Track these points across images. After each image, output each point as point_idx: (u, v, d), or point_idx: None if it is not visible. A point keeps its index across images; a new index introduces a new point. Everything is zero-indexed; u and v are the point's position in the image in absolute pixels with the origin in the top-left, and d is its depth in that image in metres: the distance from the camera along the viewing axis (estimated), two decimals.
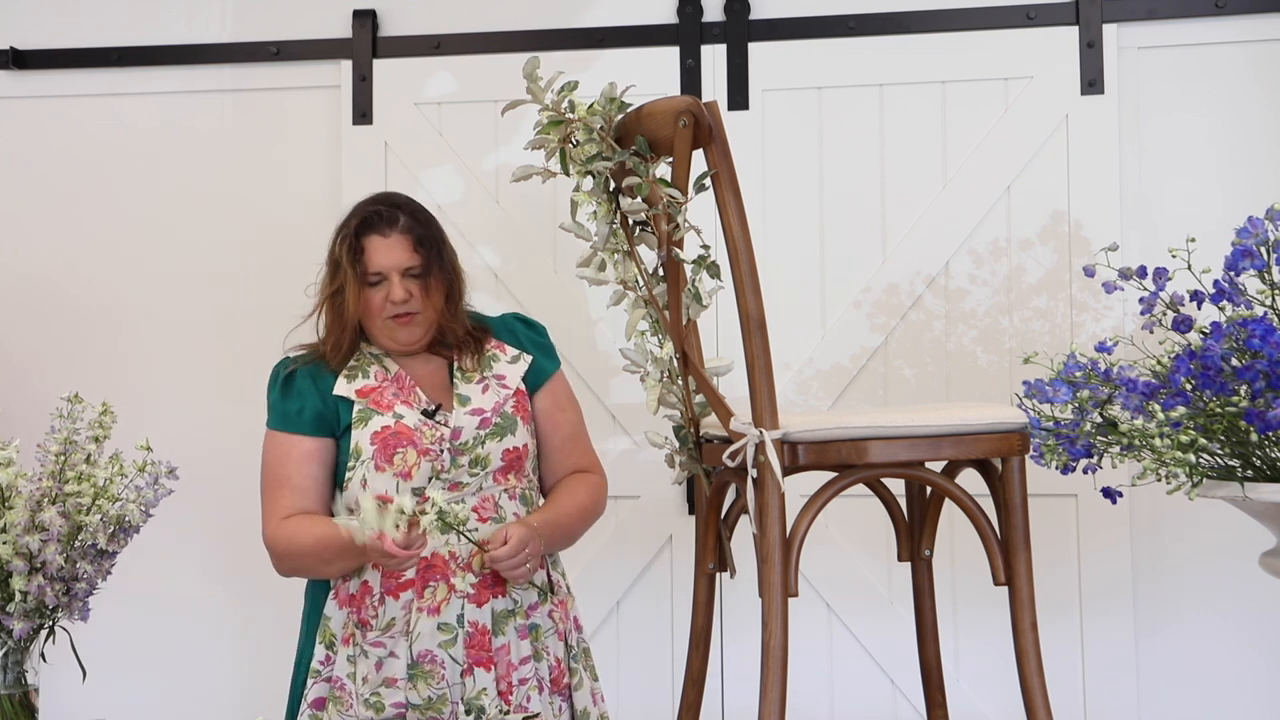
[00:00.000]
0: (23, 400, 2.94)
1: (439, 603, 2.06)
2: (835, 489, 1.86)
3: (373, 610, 2.08)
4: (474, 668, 2.06)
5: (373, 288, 2.14)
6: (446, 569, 2.07)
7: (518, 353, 2.24)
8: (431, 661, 2.05)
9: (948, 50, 2.95)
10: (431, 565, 2.07)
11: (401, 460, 2.09)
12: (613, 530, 2.98)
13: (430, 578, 2.07)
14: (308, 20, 3.16)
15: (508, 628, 2.10)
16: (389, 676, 2.05)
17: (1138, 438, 1.90)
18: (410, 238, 2.15)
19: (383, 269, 2.13)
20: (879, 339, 2.94)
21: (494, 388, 2.18)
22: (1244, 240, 1.95)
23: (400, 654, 2.05)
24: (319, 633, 2.13)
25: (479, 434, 2.13)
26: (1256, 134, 2.87)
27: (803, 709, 2.84)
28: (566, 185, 1.98)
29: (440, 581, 2.07)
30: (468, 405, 2.15)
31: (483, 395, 2.17)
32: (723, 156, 1.76)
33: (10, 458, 2.05)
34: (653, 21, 3.05)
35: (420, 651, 2.05)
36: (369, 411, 2.12)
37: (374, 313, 2.15)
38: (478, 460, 2.12)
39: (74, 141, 3.23)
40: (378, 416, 2.12)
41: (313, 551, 2.09)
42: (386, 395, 2.14)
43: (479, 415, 2.14)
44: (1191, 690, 2.85)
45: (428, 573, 2.07)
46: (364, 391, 2.14)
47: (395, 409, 2.12)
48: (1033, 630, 1.90)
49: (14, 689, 2.04)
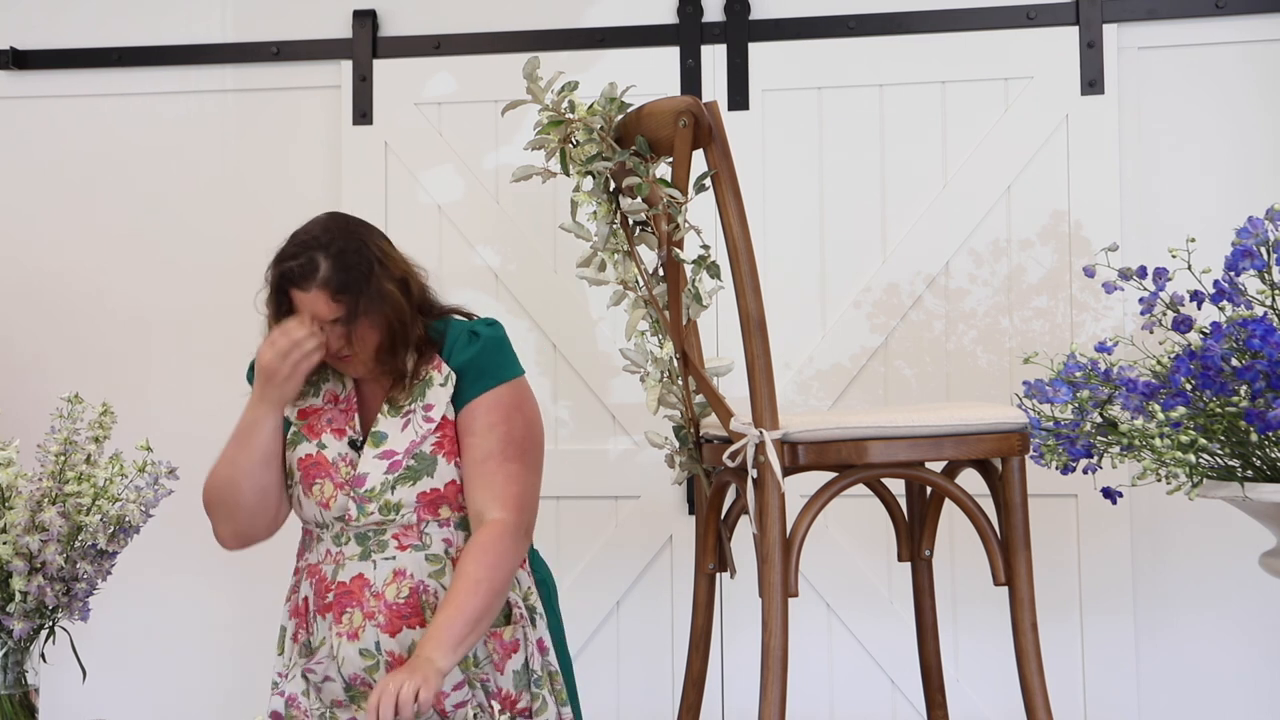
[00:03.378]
0: (23, 400, 2.94)
1: (356, 629, 2.00)
2: (835, 489, 1.86)
3: (311, 628, 2.07)
4: None
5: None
6: (361, 595, 2.01)
7: (449, 372, 2.05)
8: (364, 684, 2.01)
9: (948, 50, 2.95)
10: (349, 591, 2.01)
11: (319, 491, 2.04)
12: (613, 530, 2.98)
13: (346, 604, 2.01)
14: (308, 20, 3.16)
15: None
16: (335, 698, 2.04)
17: (1138, 438, 1.90)
18: (327, 291, 1.97)
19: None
20: (879, 339, 2.94)
21: (415, 422, 2.03)
22: (1244, 240, 1.95)
23: (334, 677, 2.03)
24: (278, 643, 2.12)
25: (387, 479, 2.00)
26: (1256, 134, 2.87)
27: (803, 709, 2.84)
28: (566, 185, 1.98)
29: (356, 608, 2.00)
30: (381, 446, 2.02)
31: (401, 433, 2.03)
32: (723, 156, 1.76)
33: (10, 458, 2.05)
34: (653, 21, 3.05)
35: (350, 674, 2.01)
36: (299, 436, 2.09)
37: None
38: (389, 506, 2.00)
39: (74, 141, 3.23)
40: (304, 443, 2.08)
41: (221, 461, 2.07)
42: (322, 420, 2.09)
43: (389, 459, 2.01)
44: (1191, 690, 2.85)
45: (344, 598, 2.01)
46: (305, 413, 2.11)
47: (321, 438, 2.07)
48: (1033, 630, 1.90)
49: (14, 689, 2.04)
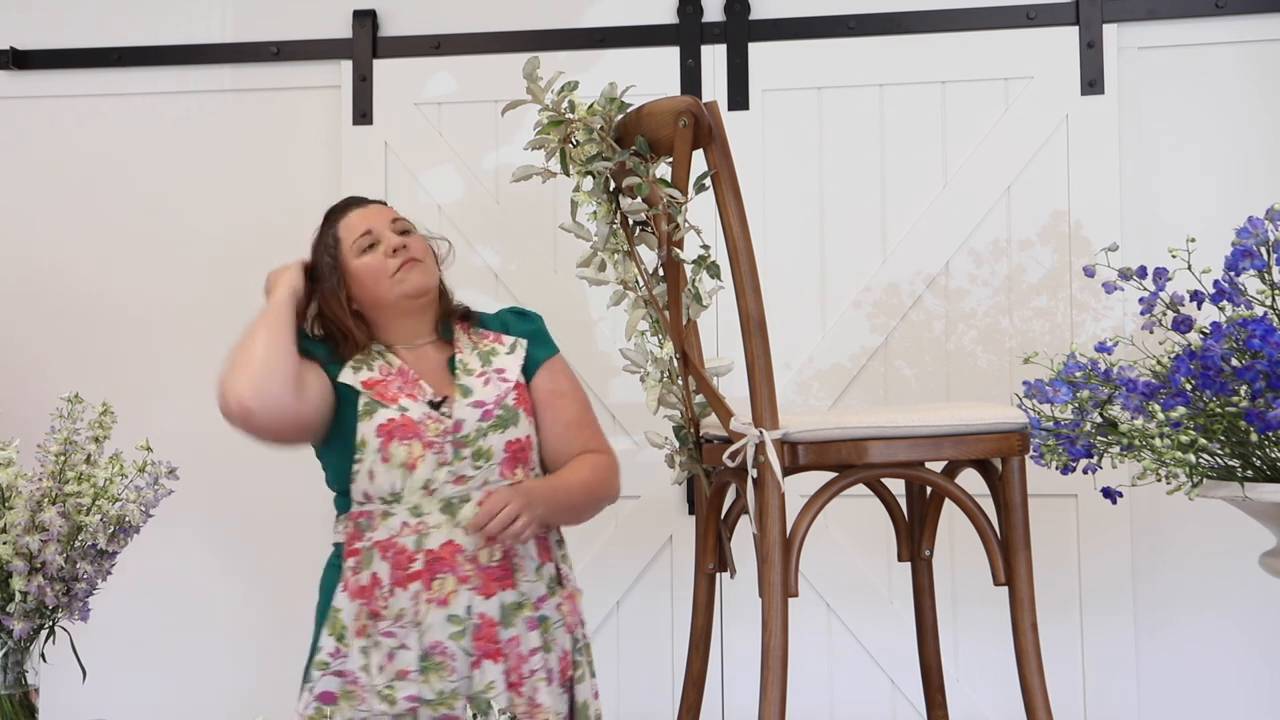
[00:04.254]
0: (23, 400, 2.94)
1: (447, 594, 2.07)
2: (835, 489, 1.86)
3: (383, 601, 2.08)
4: (482, 659, 2.07)
5: (367, 253, 2.19)
6: (454, 561, 2.08)
7: (514, 340, 2.26)
8: (442, 653, 2.06)
9: (948, 50, 2.95)
10: (439, 558, 2.08)
11: (407, 451, 2.09)
12: (613, 530, 2.98)
13: (438, 570, 2.07)
14: (308, 20, 3.16)
15: (517, 620, 2.11)
16: (401, 669, 2.06)
17: (1138, 438, 1.90)
18: (385, 207, 2.29)
19: (372, 227, 2.21)
20: (879, 339, 2.94)
21: (495, 380, 2.19)
22: (1244, 240, 1.95)
23: (411, 645, 2.06)
24: (328, 624, 2.12)
25: (481, 426, 2.13)
26: (1256, 134, 2.87)
27: (803, 709, 2.84)
28: (566, 185, 1.98)
29: (448, 574, 2.07)
30: (470, 397, 2.16)
31: (484, 388, 2.18)
32: (723, 156, 1.76)
33: (10, 458, 2.05)
34: (653, 21, 3.05)
35: (430, 643, 2.06)
36: (374, 404, 2.13)
37: (380, 274, 2.18)
38: (480, 453, 2.12)
39: (74, 141, 3.23)
40: (383, 409, 2.12)
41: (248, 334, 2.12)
42: (391, 388, 2.15)
43: (481, 407, 2.15)
44: (1191, 690, 2.85)
45: (435, 565, 2.07)
46: (369, 384, 2.15)
47: (400, 401, 2.13)
48: (1033, 630, 1.90)
49: (14, 689, 2.04)
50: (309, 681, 2.11)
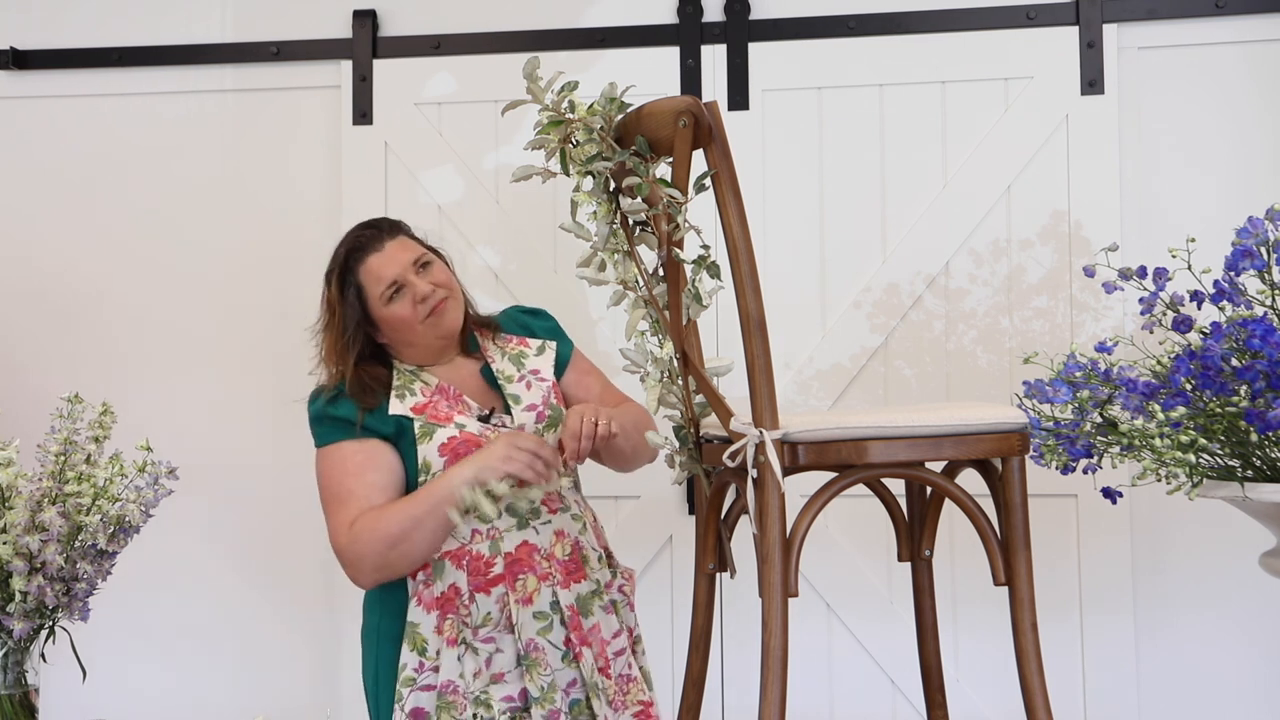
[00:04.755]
0: (23, 400, 2.94)
1: (530, 593, 2.09)
2: (835, 489, 1.86)
3: (465, 610, 2.08)
4: (581, 648, 2.11)
5: (395, 301, 2.13)
6: (531, 560, 2.10)
7: (541, 343, 2.30)
8: (536, 649, 2.08)
9: (948, 50, 2.95)
10: (517, 559, 2.10)
11: None
12: (613, 530, 2.98)
13: (518, 570, 2.09)
14: (308, 20, 3.16)
15: (594, 607, 2.15)
16: (496, 672, 2.07)
17: (1138, 438, 1.90)
18: (400, 236, 2.19)
19: (397, 277, 2.13)
20: (879, 339, 2.94)
21: (534, 383, 2.24)
22: (1244, 240, 1.95)
23: (507, 648, 2.08)
24: (407, 640, 2.08)
25: (538, 429, 2.18)
26: (1256, 134, 2.87)
27: (803, 709, 2.85)
28: (566, 185, 1.98)
29: (528, 573, 2.10)
30: (521, 404, 2.20)
31: (529, 392, 2.22)
32: (723, 156, 1.76)
33: (10, 458, 2.05)
34: (653, 21, 3.05)
35: (526, 641, 2.08)
36: (431, 426, 2.12)
37: (410, 323, 2.14)
38: None
39: (74, 141, 3.23)
40: (440, 429, 2.12)
41: (400, 521, 2.03)
42: (441, 408, 2.15)
43: (534, 411, 2.20)
44: (1191, 690, 2.85)
45: (514, 566, 2.09)
46: (419, 408, 2.14)
47: (455, 419, 2.14)
48: (1033, 630, 1.90)
49: (14, 689, 2.04)
50: (398, 700, 2.07)
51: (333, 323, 2.16)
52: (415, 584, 2.11)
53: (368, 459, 2.11)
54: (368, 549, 2.05)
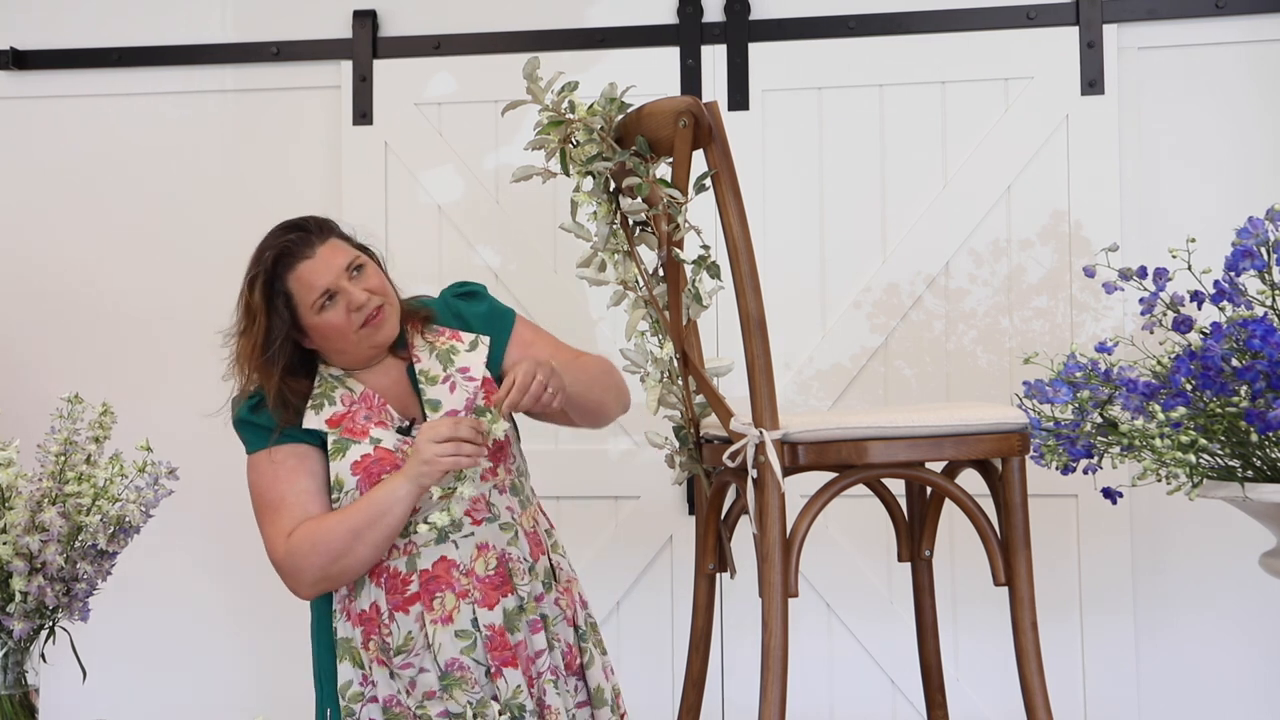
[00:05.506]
0: (23, 400, 2.94)
1: (449, 611, 2.01)
2: (835, 489, 1.86)
3: (386, 630, 2.03)
4: (502, 668, 2.03)
5: (327, 310, 2.02)
6: (449, 577, 2.03)
7: (474, 337, 2.14)
8: (460, 668, 2.01)
9: (948, 50, 2.95)
10: (434, 576, 2.02)
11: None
12: (613, 530, 2.98)
13: (434, 589, 2.02)
14: (308, 20, 3.16)
15: (520, 624, 2.06)
16: (427, 690, 2.02)
17: (1138, 438, 1.90)
18: (331, 239, 2.05)
19: (330, 285, 2.01)
20: (879, 339, 2.94)
21: (460, 383, 2.10)
22: (1244, 240, 1.95)
23: (429, 667, 2.02)
24: (342, 653, 2.06)
25: None
26: (1256, 134, 2.87)
27: (803, 709, 2.84)
28: (566, 185, 1.97)
29: (446, 590, 2.02)
30: (439, 410, 2.07)
31: (451, 395, 2.09)
32: (723, 156, 1.76)
33: (10, 458, 2.05)
34: (653, 22, 3.05)
35: (447, 660, 2.01)
36: (345, 441, 2.04)
37: (343, 331, 2.03)
38: None
39: (74, 142, 3.23)
40: (355, 445, 2.04)
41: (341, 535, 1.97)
42: (359, 420, 2.06)
43: (454, 417, 2.05)
44: (1191, 690, 2.85)
45: (431, 584, 2.02)
46: (334, 420, 2.06)
47: (370, 434, 2.05)
48: (1033, 630, 1.90)
49: (14, 689, 2.04)
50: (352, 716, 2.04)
51: (252, 329, 2.05)
52: (339, 595, 2.06)
53: (300, 464, 2.05)
54: (306, 562, 2.01)
